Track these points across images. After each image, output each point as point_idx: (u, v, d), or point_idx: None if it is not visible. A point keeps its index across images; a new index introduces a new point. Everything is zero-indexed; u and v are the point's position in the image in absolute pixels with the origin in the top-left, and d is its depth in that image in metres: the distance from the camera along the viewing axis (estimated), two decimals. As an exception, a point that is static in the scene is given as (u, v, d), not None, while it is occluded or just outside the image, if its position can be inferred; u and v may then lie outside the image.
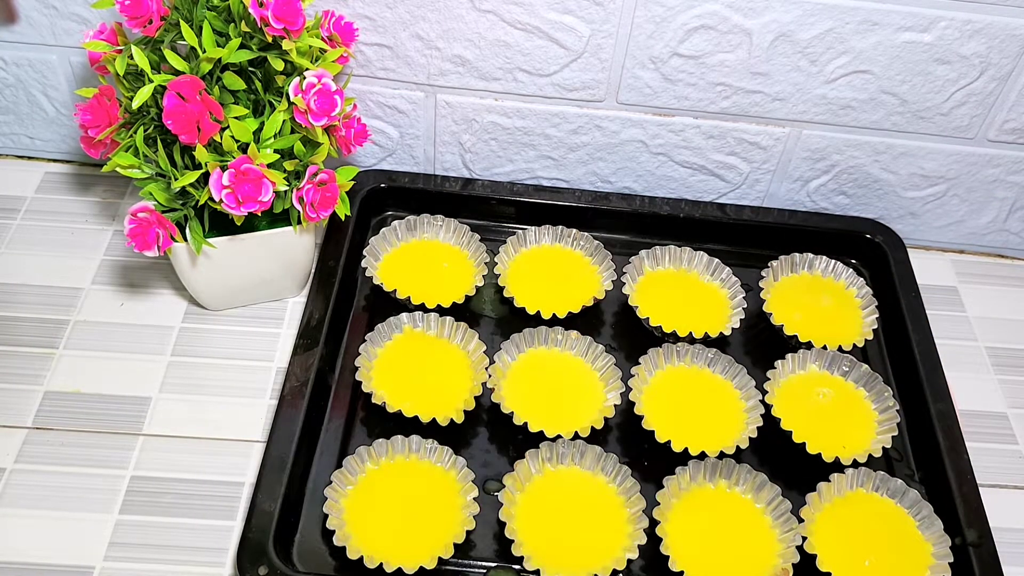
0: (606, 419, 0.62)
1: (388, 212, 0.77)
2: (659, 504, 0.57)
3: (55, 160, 0.79)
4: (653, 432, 0.61)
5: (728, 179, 0.78)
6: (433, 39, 0.70)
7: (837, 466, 0.61)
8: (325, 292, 0.67)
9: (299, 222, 0.64)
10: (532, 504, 0.58)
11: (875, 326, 0.69)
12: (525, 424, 0.60)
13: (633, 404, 0.62)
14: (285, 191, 0.61)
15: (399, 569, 0.53)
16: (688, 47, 0.69)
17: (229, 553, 0.56)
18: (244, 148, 0.58)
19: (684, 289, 0.71)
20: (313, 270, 0.69)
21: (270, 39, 0.58)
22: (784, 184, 0.78)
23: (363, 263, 0.69)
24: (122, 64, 0.57)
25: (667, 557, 0.55)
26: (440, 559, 0.54)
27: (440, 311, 0.67)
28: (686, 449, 0.60)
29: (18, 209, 0.75)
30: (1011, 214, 0.79)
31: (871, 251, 0.75)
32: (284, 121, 0.60)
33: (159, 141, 0.59)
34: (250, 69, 0.60)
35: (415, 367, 0.64)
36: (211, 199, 0.58)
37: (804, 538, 0.56)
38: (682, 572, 0.54)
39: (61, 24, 0.71)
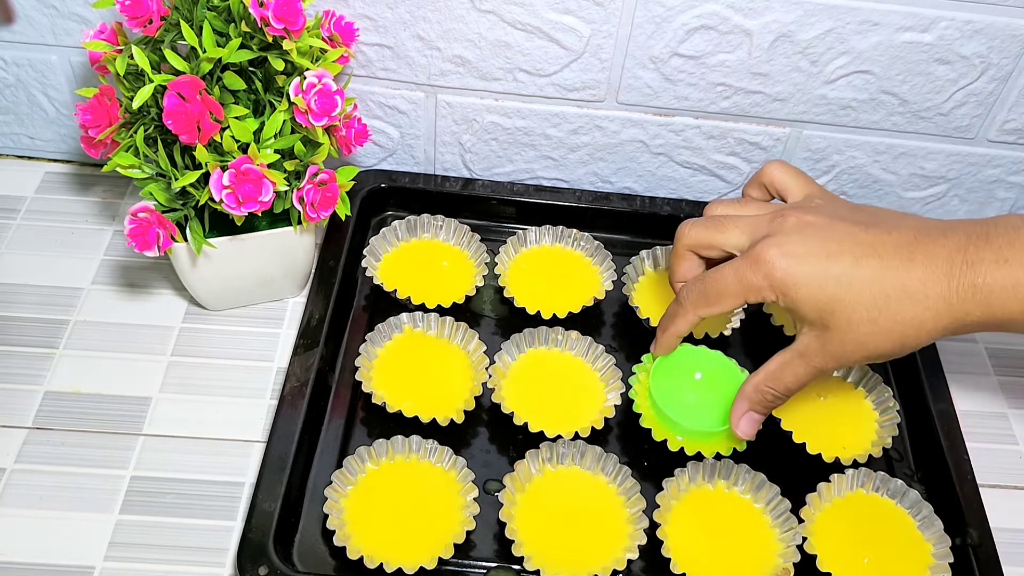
0: (606, 419, 0.62)
1: (388, 212, 0.77)
2: (659, 506, 0.57)
3: (55, 160, 0.79)
4: (651, 431, 0.61)
5: (728, 179, 0.78)
6: (434, 39, 0.70)
7: (837, 466, 0.61)
8: (325, 292, 0.67)
9: (299, 222, 0.64)
10: (532, 504, 0.58)
11: (875, 326, 0.69)
12: (525, 424, 0.60)
13: (632, 403, 0.62)
14: (285, 191, 0.61)
15: (399, 569, 0.53)
16: (688, 47, 0.69)
17: (229, 553, 0.56)
18: (244, 148, 0.58)
19: (684, 289, 0.71)
20: (313, 270, 0.69)
21: (270, 39, 0.58)
22: (784, 184, 0.78)
23: (363, 263, 0.69)
24: (122, 64, 0.57)
25: (667, 557, 0.55)
26: (440, 559, 0.54)
27: (440, 311, 0.67)
28: (682, 449, 0.60)
29: (18, 209, 0.75)
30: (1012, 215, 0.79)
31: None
32: (284, 121, 0.60)
33: (159, 141, 0.59)
34: (250, 69, 0.60)
35: (415, 367, 0.64)
36: (211, 199, 0.58)
37: (804, 538, 0.56)
38: (683, 574, 0.54)
39: (61, 24, 0.71)
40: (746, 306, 0.69)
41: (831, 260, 0.51)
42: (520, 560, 0.54)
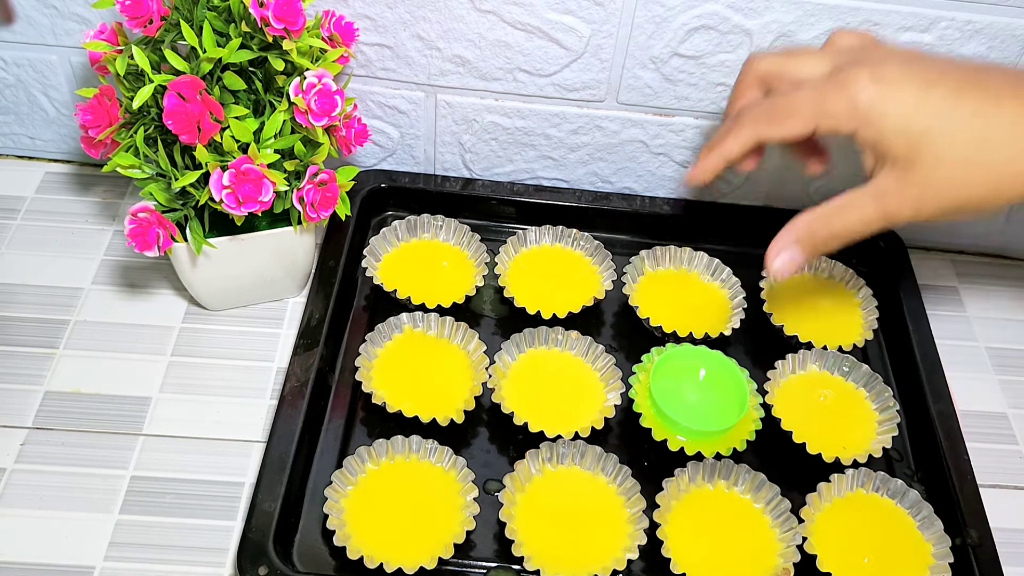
0: (606, 419, 0.62)
1: (388, 212, 0.77)
2: (659, 506, 0.57)
3: (55, 160, 0.79)
4: (651, 431, 0.61)
5: (728, 179, 0.78)
6: (433, 39, 0.70)
7: (837, 466, 0.61)
8: (325, 292, 0.67)
9: (299, 222, 0.64)
10: (532, 504, 0.58)
11: (875, 326, 0.69)
12: (525, 424, 0.60)
13: (632, 403, 0.62)
14: (285, 191, 0.61)
15: (399, 569, 0.53)
16: (688, 47, 0.69)
17: (229, 553, 0.56)
18: (244, 148, 0.58)
19: (684, 289, 0.71)
20: (313, 270, 0.69)
21: (270, 39, 0.58)
22: (785, 185, 0.78)
23: (363, 263, 0.69)
24: (122, 64, 0.57)
25: (667, 557, 0.55)
26: (440, 559, 0.54)
27: (440, 311, 0.67)
28: (682, 449, 0.60)
29: (18, 209, 0.75)
30: (1011, 215, 0.79)
31: (871, 251, 0.75)
32: (284, 121, 0.60)
33: (159, 141, 0.59)
34: (250, 69, 0.60)
35: (415, 367, 0.64)
36: (211, 199, 0.58)
37: (804, 538, 0.56)
38: (683, 574, 0.54)
39: (61, 24, 0.71)
40: (745, 305, 0.68)
41: (930, 89, 0.46)
42: (520, 560, 0.54)
